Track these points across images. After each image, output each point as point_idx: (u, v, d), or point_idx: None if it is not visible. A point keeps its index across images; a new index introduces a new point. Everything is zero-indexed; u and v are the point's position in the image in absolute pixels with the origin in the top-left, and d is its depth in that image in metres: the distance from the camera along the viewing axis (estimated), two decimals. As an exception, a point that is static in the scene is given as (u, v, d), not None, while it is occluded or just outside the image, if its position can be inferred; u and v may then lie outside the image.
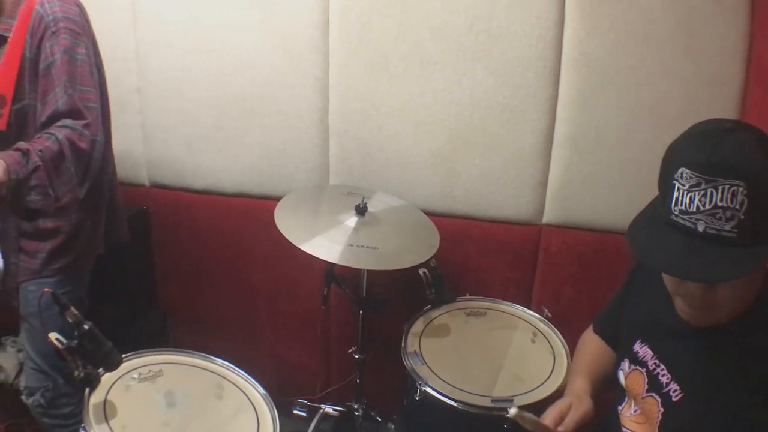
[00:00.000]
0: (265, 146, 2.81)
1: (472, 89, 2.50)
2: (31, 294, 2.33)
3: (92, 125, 2.14)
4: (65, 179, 2.09)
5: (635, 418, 1.52)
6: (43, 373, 2.38)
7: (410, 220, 2.51)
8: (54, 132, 2.05)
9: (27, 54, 2.16)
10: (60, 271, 2.34)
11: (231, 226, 3.01)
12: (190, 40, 2.78)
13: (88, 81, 2.17)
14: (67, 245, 2.33)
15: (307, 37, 2.63)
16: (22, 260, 2.32)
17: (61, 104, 2.10)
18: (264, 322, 3.13)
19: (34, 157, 1.97)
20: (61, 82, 2.11)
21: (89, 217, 2.37)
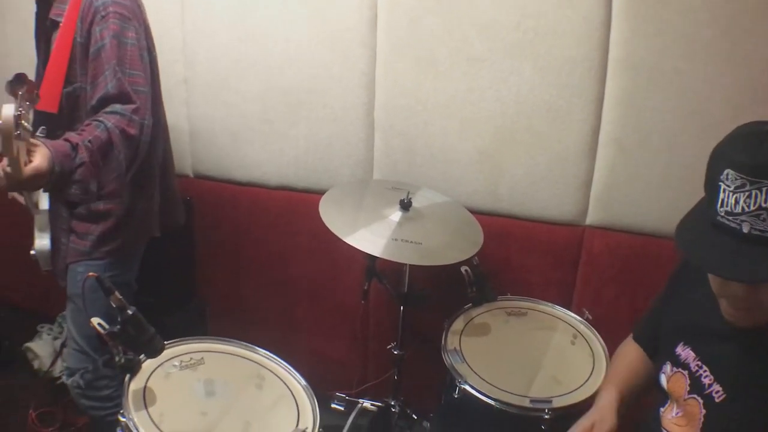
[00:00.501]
0: (311, 140, 2.87)
1: (519, 87, 2.52)
2: (78, 275, 2.37)
3: (141, 109, 2.18)
4: (112, 167, 2.13)
5: (677, 420, 1.54)
6: (84, 354, 2.42)
7: (454, 217, 2.54)
8: (103, 120, 2.09)
9: (78, 38, 2.22)
10: (109, 254, 2.38)
11: (273, 219, 3.07)
12: (238, 31, 2.85)
13: (137, 65, 2.21)
14: (117, 228, 2.37)
15: (355, 32, 2.68)
16: (72, 241, 2.37)
17: (111, 87, 2.14)
18: (303, 316, 3.19)
19: (82, 152, 2.01)
20: (110, 66, 2.15)
21: (141, 200, 2.42)
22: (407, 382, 2.71)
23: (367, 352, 3.11)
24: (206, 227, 3.19)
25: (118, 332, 1.80)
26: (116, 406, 2.39)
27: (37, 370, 3.64)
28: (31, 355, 3.66)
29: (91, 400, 2.46)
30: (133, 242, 2.47)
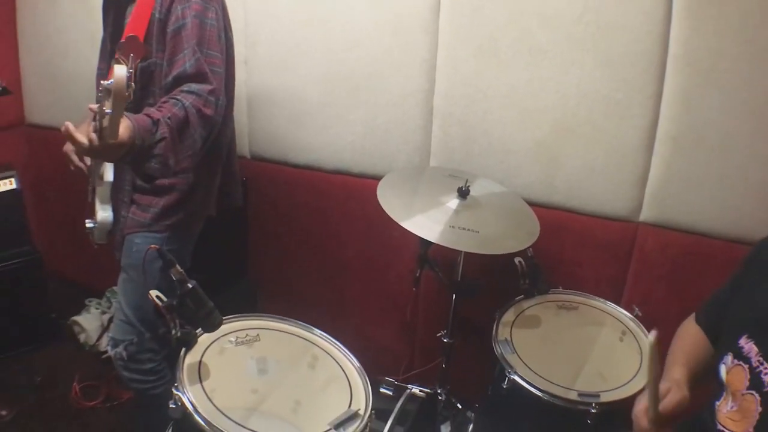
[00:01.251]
0: (369, 125, 2.96)
1: (579, 80, 2.56)
2: (134, 246, 2.47)
3: (217, 90, 2.24)
4: (188, 145, 2.18)
5: (731, 414, 1.57)
6: (131, 326, 2.50)
7: (511, 207, 2.59)
8: (181, 98, 2.15)
9: (156, 14, 2.28)
10: (169, 228, 2.47)
11: (328, 203, 3.17)
12: (300, 14, 2.94)
13: (215, 45, 2.28)
14: (180, 203, 2.47)
15: (417, 18, 2.74)
16: (133, 213, 2.47)
17: (189, 66, 2.21)
18: (353, 300, 3.28)
19: (163, 127, 2.05)
20: (190, 45, 2.22)
21: (205, 177, 2.51)
22: (453, 370, 2.77)
23: (415, 338, 3.19)
24: (261, 208, 3.29)
25: (177, 305, 1.88)
26: (158, 380, 2.54)
27: (83, 343, 3.78)
28: (77, 328, 3.81)
29: (132, 372, 2.54)
30: (193, 218, 2.55)
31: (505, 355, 2.24)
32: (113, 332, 2.56)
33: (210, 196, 2.59)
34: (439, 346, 2.75)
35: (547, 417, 2.14)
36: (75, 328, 3.83)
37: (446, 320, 2.69)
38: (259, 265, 3.43)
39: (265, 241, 3.40)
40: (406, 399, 2.78)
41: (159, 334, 2.49)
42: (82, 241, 2.62)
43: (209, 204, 2.60)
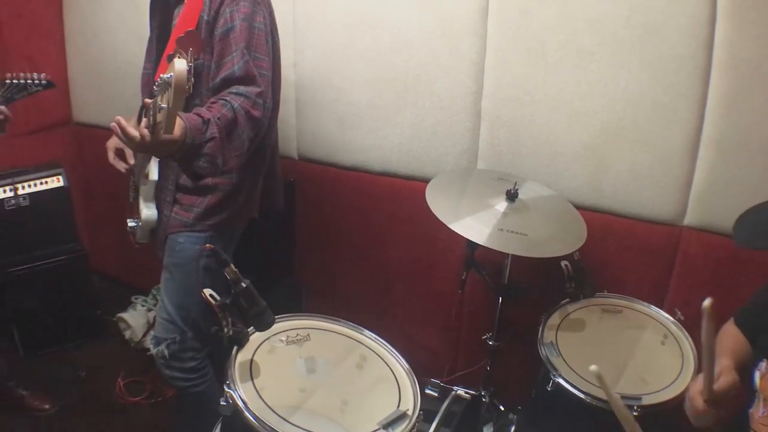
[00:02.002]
0: (417, 127, 3.05)
1: (626, 83, 2.61)
2: (177, 245, 2.57)
3: (264, 93, 2.31)
4: (235, 146, 2.24)
5: (764, 420, 1.64)
6: (173, 324, 2.59)
7: (559, 210, 2.66)
8: (230, 100, 2.22)
9: (204, 16, 2.35)
10: (211, 228, 2.56)
11: (374, 204, 3.27)
12: (348, 17, 3.04)
13: (263, 49, 2.36)
14: (223, 203, 2.55)
15: (465, 21, 2.82)
16: (176, 212, 2.56)
17: (237, 69, 2.28)
18: (398, 301, 3.38)
19: (213, 127, 2.11)
20: (238, 48, 2.29)
21: (249, 179, 2.59)
22: (497, 372, 2.85)
23: (460, 340, 3.27)
24: (308, 209, 3.41)
25: (230, 304, 1.93)
26: (200, 378, 2.64)
27: (128, 340, 3.94)
28: (123, 325, 3.97)
29: (174, 370, 2.63)
30: (236, 219, 2.63)
31: (550, 357, 2.31)
32: (156, 330, 2.65)
33: (253, 198, 2.67)
34: (483, 349, 2.83)
35: (590, 419, 2.20)
36: (121, 325, 3.99)
37: (491, 323, 2.76)
38: (305, 265, 3.54)
39: (312, 242, 3.51)
40: (452, 400, 2.87)
41: (202, 332, 2.58)
42: (128, 240, 2.73)
43: (252, 205, 2.69)
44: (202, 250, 2.12)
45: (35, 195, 3.82)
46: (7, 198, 3.74)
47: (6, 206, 3.74)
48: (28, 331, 3.76)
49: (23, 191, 3.77)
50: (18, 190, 3.76)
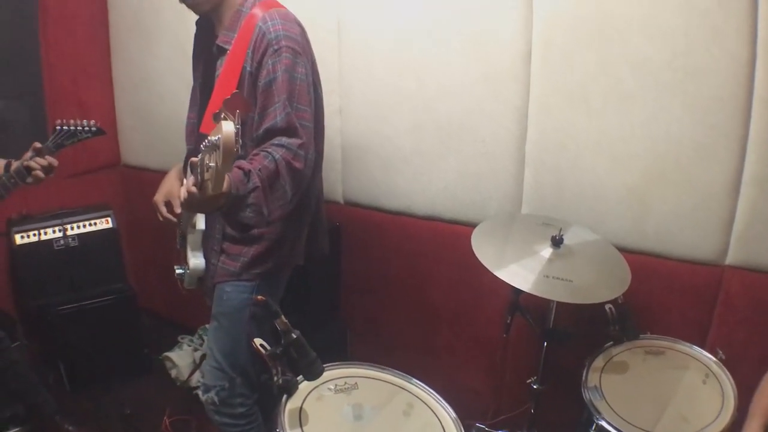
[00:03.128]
0: (461, 172, 3.15)
1: (668, 125, 2.67)
2: (225, 295, 2.65)
3: (306, 144, 2.38)
4: (278, 196, 2.32)
5: None
6: (222, 371, 2.66)
7: (603, 255, 2.70)
8: (271, 152, 2.30)
9: (247, 68, 2.43)
10: (258, 277, 2.62)
11: (419, 248, 3.36)
12: (392, 65, 3.16)
13: (305, 100, 2.42)
14: (268, 252, 2.62)
15: (509, 67, 2.92)
16: (222, 262, 2.64)
17: (280, 120, 2.36)
18: (442, 344, 3.45)
19: (255, 178, 2.20)
20: (281, 100, 2.36)
21: (293, 227, 2.66)
22: (540, 416, 2.89)
23: (504, 383, 3.32)
24: (353, 252, 3.52)
25: (281, 354, 2.00)
26: (249, 424, 2.73)
27: (175, 379, 4.05)
28: (169, 364, 4.09)
29: (224, 416, 2.71)
30: (281, 268, 2.71)
31: (593, 401, 2.36)
32: (205, 378, 2.73)
33: (298, 246, 2.74)
34: (527, 392, 2.87)
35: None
36: (167, 364, 4.11)
37: (536, 366, 2.81)
38: (351, 308, 3.64)
39: (357, 285, 3.60)
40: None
41: (251, 378, 2.68)
42: (175, 280, 2.82)
43: (298, 254, 2.75)
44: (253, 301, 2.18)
45: (84, 236, 4.02)
46: (57, 238, 3.94)
47: (55, 246, 3.94)
48: (75, 367, 3.90)
49: (72, 232, 3.98)
50: (67, 230, 3.95)
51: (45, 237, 3.96)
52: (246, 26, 2.48)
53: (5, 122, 4.03)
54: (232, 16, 2.55)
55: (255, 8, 2.52)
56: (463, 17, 2.98)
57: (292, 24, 2.48)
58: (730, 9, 2.46)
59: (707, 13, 2.50)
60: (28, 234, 3.94)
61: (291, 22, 2.48)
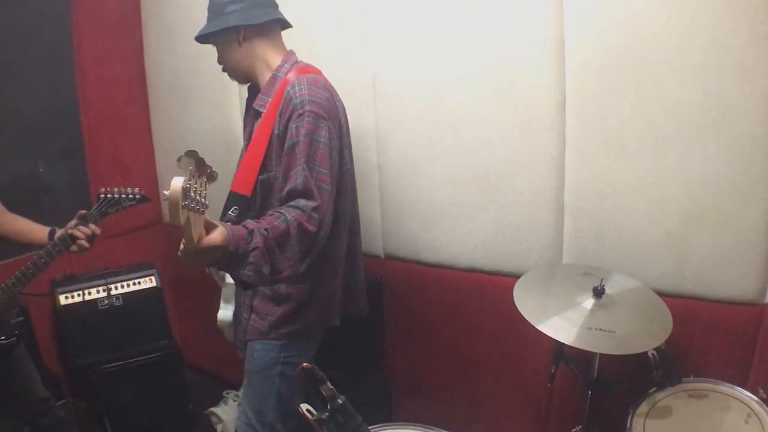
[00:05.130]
0: (500, 223, 3.24)
1: (703, 168, 2.73)
2: (255, 353, 2.79)
3: (321, 207, 2.49)
4: (288, 256, 2.43)
5: None
6: (252, 427, 2.79)
7: (644, 302, 2.75)
8: (284, 212, 2.43)
9: (276, 131, 2.63)
10: (286, 336, 2.75)
11: (461, 300, 3.45)
12: (428, 118, 3.28)
13: (325, 164, 2.56)
14: (295, 313, 2.75)
15: (543, 116, 3.01)
16: (253, 320, 2.79)
17: (299, 183, 2.49)
18: (486, 395, 3.51)
19: (257, 238, 2.31)
20: (301, 162, 2.51)
21: (321, 289, 2.78)
22: None
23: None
24: (395, 305, 3.62)
25: (327, 419, 2.01)
26: None
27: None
28: (215, 419, 4.23)
29: None
30: (311, 329, 2.82)
31: None
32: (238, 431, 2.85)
33: (329, 308, 2.85)
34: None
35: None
36: (212, 419, 4.24)
37: (580, 414, 2.88)
38: (394, 361, 3.73)
39: (400, 338, 3.69)
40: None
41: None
42: (218, 336, 2.96)
43: (329, 315, 2.87)
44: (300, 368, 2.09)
45: (128, 295, 4.15)
46: (101, 298, 4.07)
47: (99, 306, 4.07)
48: (121, 424, 3.99)
49: (116, 291, 4.11)
50: (111, 290, 4.08)
51: (89, 297, 4.08)
52: (279, 91, 2.67)
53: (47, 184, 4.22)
54: (268, 81, 2.74)
55: (290, 73, 2.70)
56: (495, 69, 3.09)
57: (319, 90, 2.63)
58: (760, 47, 2.54)
59: (737, 51, 2.58)
60: (72, 294, 4.07)
61: (318, 88, 2.63)
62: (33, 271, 3.00)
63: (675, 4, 2.65)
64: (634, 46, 2.75)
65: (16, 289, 3.02)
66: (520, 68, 3.03)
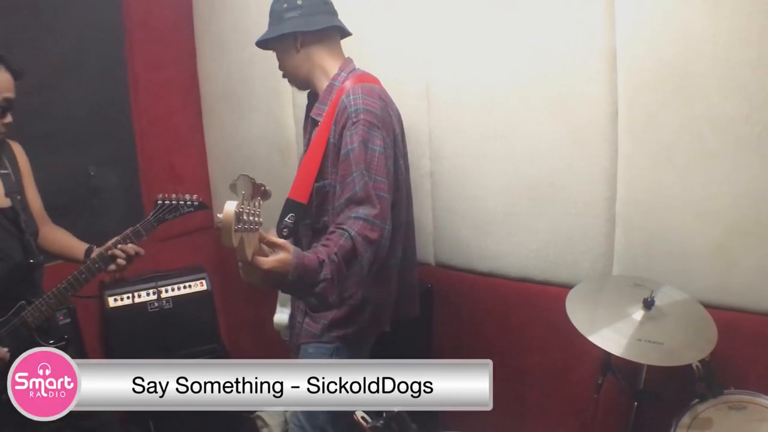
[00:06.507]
0: (552, 233, 3.33)
1: (749, 181, 2.79)
2: (308, 355, 2.89)
3: (382, 215, 2.56)
4: (354, 272, 2.48)
5: None
6: (303, 430, 2.90)
7: (692, 315, 2.82)
8: (347, 228, 2.48)
9: (331, 139, 2.72)
10: (337, 339, 2.85)
11: (510, 310, 3.55)
12: (482, 129, 3.39)
13: (382, 171, 2.63)
14: (347, 317, 2.84)
15: (596, 127, 3.09)
16: (306, 323, 2.90)
17: (359, 189, 2.56)
18: (533, 405, 3.61)
19: (327, 268, 2.34)
20: (359, 169, 2.59)
21: (375, 296, 2.88)
22: None
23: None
24: (445, 314, 3.71)
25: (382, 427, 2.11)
26: None
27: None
28: (260, 423, 4.36)
29: None
30: (362, 333, 2.91)
31: None
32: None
33: (381, 313, 2.95)
34: None
35: None
36: (258, 422, 4.37)
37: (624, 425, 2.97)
38: None
39: (448, 347, 3.77)
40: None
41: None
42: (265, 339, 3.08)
43: (381, 320, 2.96)
44: None
45: (178, 298, 4.30)
46: (151, 301, 4.22)
47: (149, 309, 4.22)
48: (164, 425, 4.10)
49: (166, 294, 4.25)
50: (161, 293, 4.23)
51: (139, 300, 4.23)
52: (335, 100, 2.78)
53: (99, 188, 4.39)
54: (325, 89, 2.86)
55: (346, 81, 2.82)
56: (549, 79, 3.18)
57: (373, 99, 2.72)
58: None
59: (781, 65, 2.66)
60: (121, 297, 4.22)
61: (372, 97, 2.73)
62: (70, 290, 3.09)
63: (722, 18, 2.72)
64: (683, 58, 2.83)
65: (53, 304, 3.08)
66: (573, 79, 3.12)
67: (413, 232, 3.10)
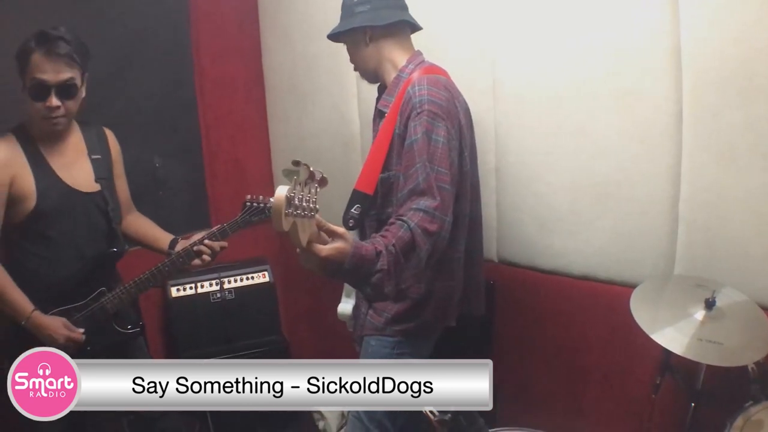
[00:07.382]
0: (616, 231, 3.37)
1: None
2: (370, 348, 2.99)
3: (442, 207, 2.61)
4: (413, 263, 2.53)
5: None
6: (360, 422, 2.96)
7: (750, 316, 2.86)
8: (407, 220, 2.54)
9: (396, 130, 2.80)
10: (400, 333, 2.94)
11: (573, 308, 3.62)
12: (548, 125, 3.47)
13: (444, 163, 2.68)
14: (410, 311, 2.92)
15: (662, 126, 3.13)
16: (370, 315, 2.99)
17: (422, 180, 2.62)
18: (592, 403, 3.67)
19: (384, 259, 2.40)
20: (422, 161, 2.64)
21: (439, 290, 2.95)
22: None
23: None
24: (507, 310, 3.79)
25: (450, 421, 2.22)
26: None
27: (322, 431, 4.45)
28: (317, 415, 4.50)
29: None
30: (426, 327, 2.99)
31: None
32: (347, 427, 3.08)
33: (446, 308, 3.01)
34: None
35: None
36: (315, 415, 4.50)
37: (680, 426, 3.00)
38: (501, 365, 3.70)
39: (510, 343, 3.85)
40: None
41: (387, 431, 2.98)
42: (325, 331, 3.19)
43: (445, 315, 3.03)
44: None
45: (241, 289, 4.45)
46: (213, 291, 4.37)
47: (212, 299, 4.38)
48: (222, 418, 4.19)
49: (229, 285, 4.40)
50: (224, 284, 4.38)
51: (201, 290, 4.40)
52: (401, 91, 2.87)
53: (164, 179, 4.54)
54: (393, 81, 2.98)
55: (414, 73, 2.92)
56: (615, 77, 3.24)
57: (438, 89, 2.80)
58: None
59: None
60: (184, 287, 4.39)
61: (437, 88, 2.80)
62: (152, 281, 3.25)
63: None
64: (747, 57, 2.86)
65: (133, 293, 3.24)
66: (639, 77, 3.18)
67: (480, 227, 3.18)
